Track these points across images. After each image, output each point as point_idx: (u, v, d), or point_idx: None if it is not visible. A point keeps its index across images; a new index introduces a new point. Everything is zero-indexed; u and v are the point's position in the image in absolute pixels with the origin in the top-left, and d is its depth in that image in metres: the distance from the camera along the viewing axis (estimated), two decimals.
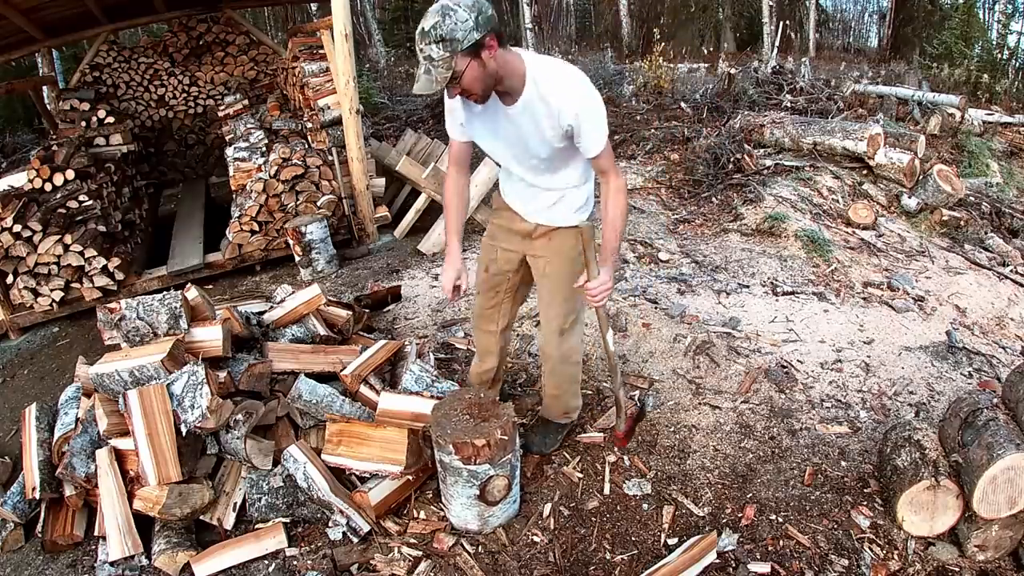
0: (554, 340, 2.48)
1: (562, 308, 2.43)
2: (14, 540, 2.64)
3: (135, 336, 2.82)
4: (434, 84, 1.83)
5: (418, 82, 1.85)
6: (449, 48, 1.78)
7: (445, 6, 1.78)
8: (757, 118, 6.77)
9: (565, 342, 2.49)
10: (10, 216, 4.21)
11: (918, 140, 6.06)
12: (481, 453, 2.24)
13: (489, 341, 2.73)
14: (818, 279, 4.47)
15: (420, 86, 1.85)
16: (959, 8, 14.75)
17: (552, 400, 2.74)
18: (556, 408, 2.77)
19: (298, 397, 2.84)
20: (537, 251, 2.42)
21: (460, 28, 1.76)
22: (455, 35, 1.77)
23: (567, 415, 2.81)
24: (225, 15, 7.29)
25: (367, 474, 2.57)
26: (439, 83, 1.83)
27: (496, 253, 2.54)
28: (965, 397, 2.49)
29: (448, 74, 1.82)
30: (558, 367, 2.56)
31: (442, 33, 1.76)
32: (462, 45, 1.78)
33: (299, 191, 4.98)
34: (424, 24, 1.79)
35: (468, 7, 1.78)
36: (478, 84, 1.89)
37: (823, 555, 2.31)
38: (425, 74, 1.83)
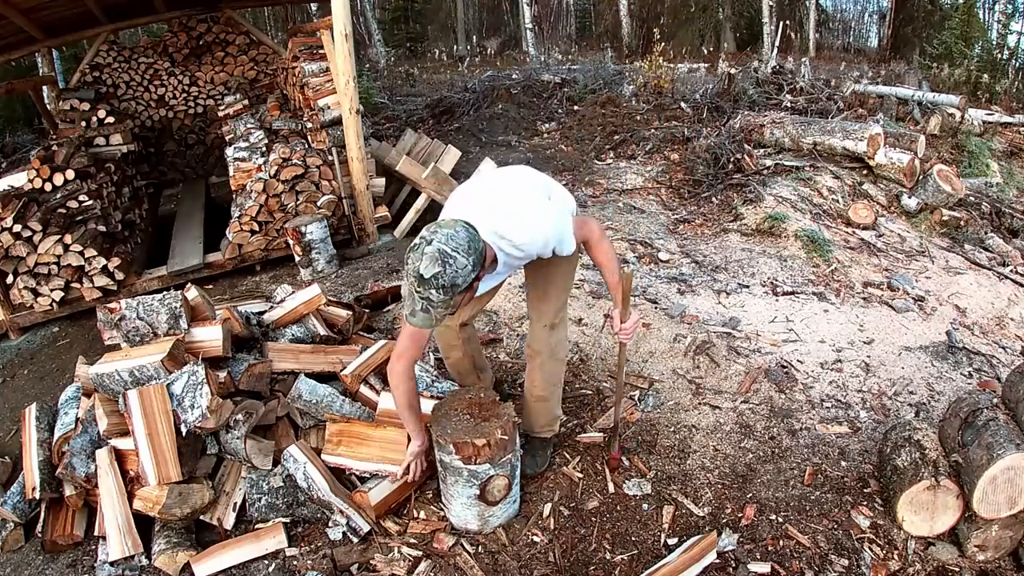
0: (544, 335, 2.48)
1: (555, 304, 2.47)
2: (14, 540, 2.64)
3: (135, 336, 2.82)
4: (435, 322, 1.90)
5: (414, 316, 1.88)
6: (449, 293, 1.81)
7: (443, 252, 1.77)
8: (757, 118, 6.76)
9: (554, 336, 2.50)
10: (10, 216, 4.20)
11: (918, 140, 6.06)
12: (481, 453, 2.25)
13: (448, 335, 2.71)
14: (818, 279, 4.47)
15: (418, 322, 1.89)
16: (959, 8, 14.75)
17: (539, 405, 2.64)
18: (542, 416, 2.67)
19: (298, 397, 2.84)
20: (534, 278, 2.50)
21: (461, 275, 1.80)
22: (456, 282, 1.80)
23: (550, 427, 2.72)
24: (225, 15, 7.29)
25: (367, 474, 2.57)
26: (439, 320, 1.91)
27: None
28: (965, 397, 2.49)
29: (448, 311, 1.90)
30: (547, 362, 2.54)
31: (444, 283, 1.78)
32: (461, 288, 1.83)
33: (299, 191, 4.98)
34: (423, 271, 1.77)
35: (465, 251, 1.80)
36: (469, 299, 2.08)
37: (823, 555, 2.31)
38: (423, 312, 1.86)
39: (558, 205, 2.22)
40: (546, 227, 2.08)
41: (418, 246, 1.81)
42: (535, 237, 2.06)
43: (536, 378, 2.58)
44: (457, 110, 9.67)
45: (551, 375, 2.58)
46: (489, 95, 9.95)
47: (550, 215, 2.11)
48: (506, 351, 3.62)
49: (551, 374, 2.58)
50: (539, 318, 2.49)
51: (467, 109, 9.62)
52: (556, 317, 2.48)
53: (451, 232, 1.81)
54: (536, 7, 18.41)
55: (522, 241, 2.05)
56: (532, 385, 2.61)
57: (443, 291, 1.79)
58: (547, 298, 2.46)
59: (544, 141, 8.52)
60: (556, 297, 2.46)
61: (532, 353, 2.55)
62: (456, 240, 1.80)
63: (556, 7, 21.81)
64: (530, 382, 2.62)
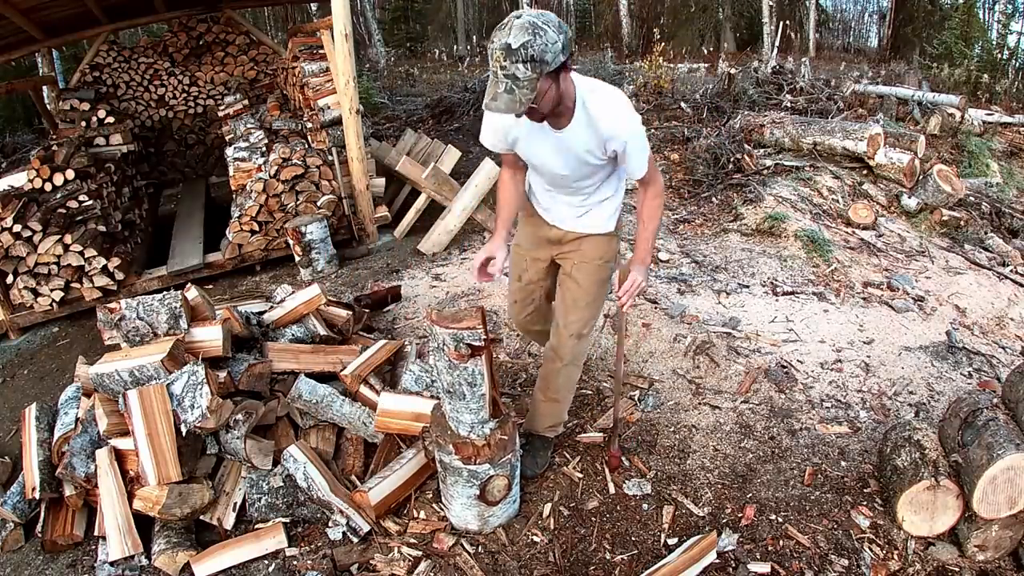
0: (570, 343, 2.43)
1: (584, 313, 2.40)
2: (14, 540, 2.64)
3: (135, 336, 2.82)
4: (518, 105, 1.75)
5: (496, 100, 1.75)
6: (538, 70, 1.71)
7: (533, 24, 1.69)
8: (757, 118, 6.76)
9: (579, 346, 2.47)
10: (10, 216, 4.21)
11: (918, 140, 6.06)
12: (481, 453, 2.24)
13: (541, 336, 2.79)
14: (818, 279, 4.47)
15: (501, 105, 1.75)
16: (959, 8, 14.75)
17: (550, 406, 2.62)
18: (550, 417, 2.66)
19: (298, 397, 2.84)
20: (567, 253, 2.42)
21: (550, 50, 1.71)
22: (545, 57, 1.70)
23: (554, 428, 2.73)
24: (225, 15, 7.29)
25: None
26: (523, 104, 1.75)
27: (527, 263, 2.53)
28: (965, 397, 2.49)
29: (533, 96, 1.75)
30: (566, 370, 2.51)
31: (533, 53, 1.68)
32: (549, 67, 1.73)
33: (299, 191, 4.98)
34: (511, 40, 1.68)
35: (555, 27, 1.73)
36: (549, 105, 1.85)
37: (823, 555, 2.31)
38: (507, 93, 1.73)
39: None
40: (629, 114, 1.97)
41: (505, 24, 1.72)
42: (620, 112, 1.95)
43: (552, 382, 2.55)
44: (457, 110, 9.67)
45: (568, 380, 2.56)
46: None
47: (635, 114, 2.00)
48: (506, 351, 3.62)
49: (568, 379, 2.56)
50: (567, 326, 2.42)
51: (467, 109, 9.61)
52: (585, 327, 2.43)
53: (541, 12, 1.74)
54: (536, 7, 18.40)
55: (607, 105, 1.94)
56: (547, 387, 2.58)
57: (530, 65, 1.68)
58: (578, 307, 2.39)
59: None
60: (588, 307, 2.40)
61: (554, 358, 2.49)
62: (547, 17, 1.73)
63: (556, 7, 21.81)
64: (544, 384, 2.58)
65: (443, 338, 2.07)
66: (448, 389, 2.19)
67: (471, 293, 4.27)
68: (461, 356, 2.06)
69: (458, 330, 2.06)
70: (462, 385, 2.14)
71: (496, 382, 2.24)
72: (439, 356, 2.13)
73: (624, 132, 1.97)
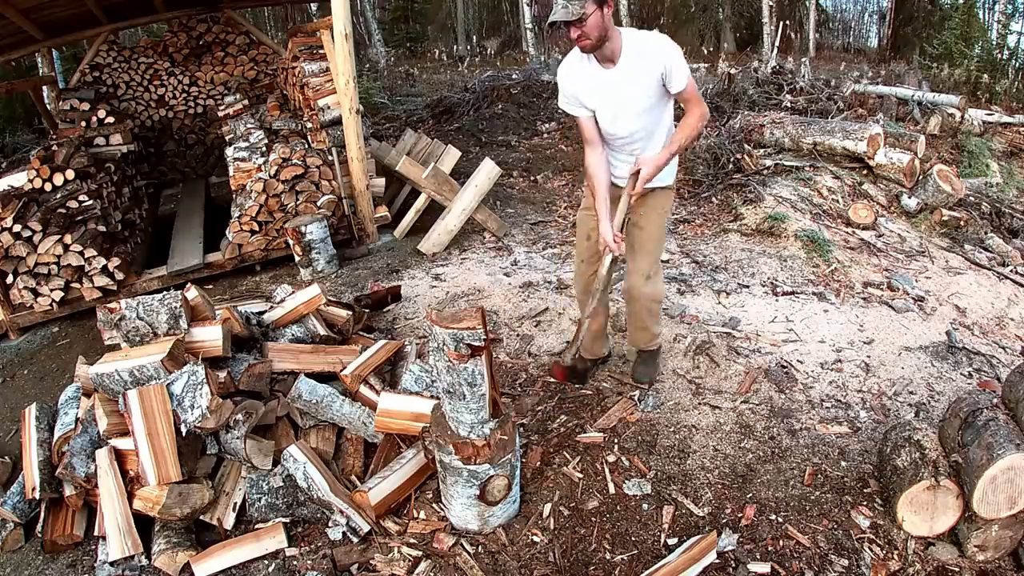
0: (641, 282, 2.83)
1: (651, 256, 2.82)
2: (14, 540, 2.64)
3: (135, 336, 2.82)
4: (570, 14, 2.30)
5: (555, 13, 2.32)
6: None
7: None
8: (757, 118, 6.76)
9: (649, 285, 2.85)
10: (10, 216, 4.21)
11: (918, 140, 6.06)
12: (481, 453, 2.24)
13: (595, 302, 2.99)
14: (818, 279, 4.47)
15: (558, 14, 2.32)
16: (959, 8, 14.73)
17: (641, 332, 3.06)
18: (646, 336, 3.08)
19: (298, 397, 2.84)
20: (634, 207, 2.73)
21: None
22: None
23: (654, 342, 3.14)
24: (225, 15, 7.29)
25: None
26: (574, 15, 2.30)
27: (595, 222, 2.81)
28: (965, 397, 2.49)
29: (581, 11, 2.30)
30: (644, 305, 2.90)
31: None
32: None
33: (299, 191, 4.98)
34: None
35: None
36: (595, 31, 2.36)
37: (823, 555, 2.31)
38: (563, 8, 2.30)
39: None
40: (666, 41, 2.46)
41: None
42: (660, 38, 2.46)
43: (637, 317, 2.98)
44: (457, 110, 9.67)
45: (650, 312, 2.96)
46: (489, 95, 9.95)
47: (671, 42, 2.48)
48: (506, 351, 3.62)
49: (650, 311, 2.95)
50: (636, 269, 2.84)
51: (467, 109, 9.62)
52: (652, 268, 2.84)
53: None
54: (536, 7, 18.39)
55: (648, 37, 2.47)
56: (634, 321, 3.02)
57: None
58: (645, 251, 2.80)
59: (544, 141, 8.52)
60: (653, 251, 2.82)
61: (630, 299, 2.92)
62: None
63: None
64: (632, 320, 3.03)
65: (443, 338, 2.08)
66: (448, 389, 2.19)
67: (471, 293, 4.27)
68: (461, 357, 2.07)
69: (458, 330, 2.06)
70: (462, 385, 2.14)
71: (496, 382, 2.26)
72: (439, 356, 2.14)
73: (664, 52, 2.44)
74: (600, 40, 2.41)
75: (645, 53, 2.44)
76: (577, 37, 2.39)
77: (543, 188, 6.81)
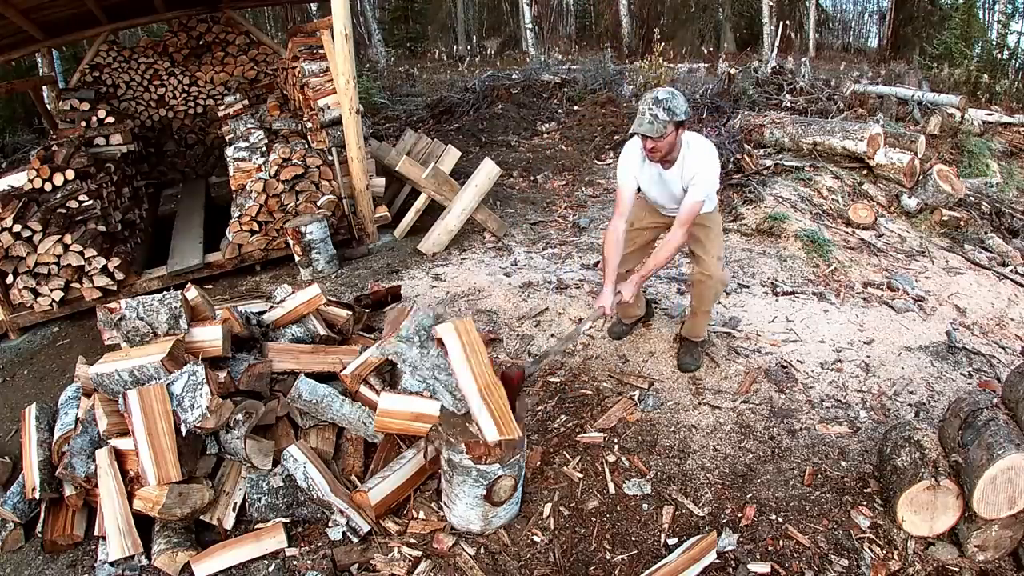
0: (716, 264, 3.11)
1: (717, 242, 3.16)
2: (14, 540, 2.64)
3: (135, 336, 2.82)
4: (654, 131, 2.66)
5: (641, 125, 2.68)
6: (669, 116, 2.66)
7: (673, 92, 2.71)
8: (757, 118, 6.76)
9: (721, 267, 3.14)
10: (10, 216, 4.20)
11: (918, 140, 6.06)
12: (492, 453, 2.24)
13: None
14: (818, 279, 4.47)
15: (643, 128, 2.67)
16: (959, 8, 14.73)
17: (703, 317, 3.29)
18: (699, 327, 3.33)
19: (298, 397, 2.84)
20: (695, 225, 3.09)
21: (680, 108, 2.69)
22: (676, 110, 2.67)
23: (703, 332, 3.38)
24: (225, 15, 7.28)
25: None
26: (657, 133, 2.66)
27: (644, 213, 3.23)
28: (965, 397, 2.49)
29: (663, 131, 2.66)
30: (716, 284, 3.14)
31: (670, 106, 2.66)
32: (677, 117, 2.67)
33: (299, 191, 4.98)
34: (659, 94, 2.69)
35: (684, 100, 2.73)
36: (667, 148, 2.75)
37: (823, 555, 2.31)
38: (648, 123, 2.66)
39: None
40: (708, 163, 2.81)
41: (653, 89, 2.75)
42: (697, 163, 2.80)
43: (705, 297, 3.19)
44: (457, 110, 9.67)
45: (716, 294, 3.23)
46: (489, 95, 9.95)
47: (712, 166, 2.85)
48: (506, 351, 3.62)
49: (716, 293, 3.22)
50: (709, 253, 3.13)
51: (467, 109, 9.62)
52: (721, 252, 3.21)
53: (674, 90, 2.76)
54: (536, 7, 18.40)
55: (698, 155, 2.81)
56: (700, 302, 3.24)
57: (666, 111, 2.64)
58: (711, 240, 3.13)
59: (544, 141, 8.53)
60: (718, 238, 3.17)
61: (704, 278, 3.14)
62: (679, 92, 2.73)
63: (556, 7, 21.82)
64: (698, 300, 3.24)
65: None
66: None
67: (471, 293, 4.27)
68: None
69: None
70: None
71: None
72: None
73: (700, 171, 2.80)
74: (668, 154, 2.79)
75: (692, 165, 2.81)
76: (651, 149, 2.75)
77: (543, 188, 6.81)
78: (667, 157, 2.82)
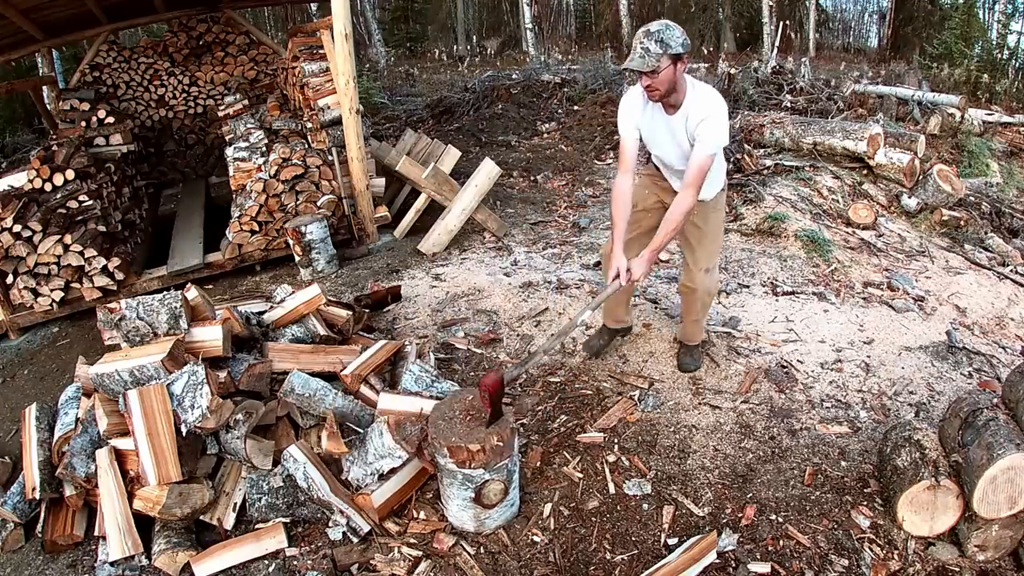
0: (700, 276, 2.99)
1: (708, 251, 2.98)
2: (14, 540, 2.64)
3: (135, 336, 2.82)
4: (644, 65, 2.42)
5: (632, 61, 2.45)
6: (662, 48, 2.40)
7: (667, 23, 2.46)
8: (757, 118, 6.76)
9: (708, 279, 3.02)
10: (10, 216, 4.20)
11: (918, 140, 6.06)
12: (476, 458, 2.24)
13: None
14: (818, 279, 4.47)
15: (633, 63, 2.44)
16: (959, 8, 14.74)
17: (692, 326, 3.23)
18: (695, 332, 3.27)
19: (291, 391, 2.82)
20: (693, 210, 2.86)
21: (674, 40, 2.42)
22: (669, 42, 2.41)
23: (700, 336, 3.33)
24: (225, 15, 7.28)
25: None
26: (648, 66, 2.42)
27: (646, 194, 3.04)
28: (965, 397, 2.49)
29: (655, 65, 2.41)
30: (703, 297, 3.06)
31: (662, 37, 2.40)
32: (671, 50, 2.41)
33: (299, 191, 4.98)
34: (651, 27, 2.44)
35: (681, 32, 2.46)
36: (665, 84, 2.49)
37: (823, 555, 2.31)
38: (639, 57, 2.42)
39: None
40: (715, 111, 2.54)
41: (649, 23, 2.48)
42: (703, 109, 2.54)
43: (692, 308, 3.13)
44: (457, 110, 9.67)
45: (704, 305, 3.13)
46: (489, 95, 9.96)
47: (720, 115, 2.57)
48: (506, 351, 3.62)
49: (704, 305, 3.13)
50: (696, 263, 2.99)
51: (467, 109, 9.62)
52: (710, 263, 3.01)
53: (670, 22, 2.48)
54: (536, 7, 18.40)
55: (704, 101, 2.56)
56: (687, 312, 3.18)
57: (657, 44, 2.39)
58: (703, 246, 2.96)
59: (544, 141, 8.53)
60: (711, 244, 2.98)
61: (687, 290, 3.07)
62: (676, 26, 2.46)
63: (556, 7, 21.83)
64: (685, 310, 3.19)
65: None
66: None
67: (471, 293, 4.27)
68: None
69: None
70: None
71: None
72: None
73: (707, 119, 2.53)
74: (668, 93, 2.54)
75: (698, 111, 2.56)
76: (647, 87, 2.51)
77: (543, 188, 6.81)
78: (669, 99, 2.56)
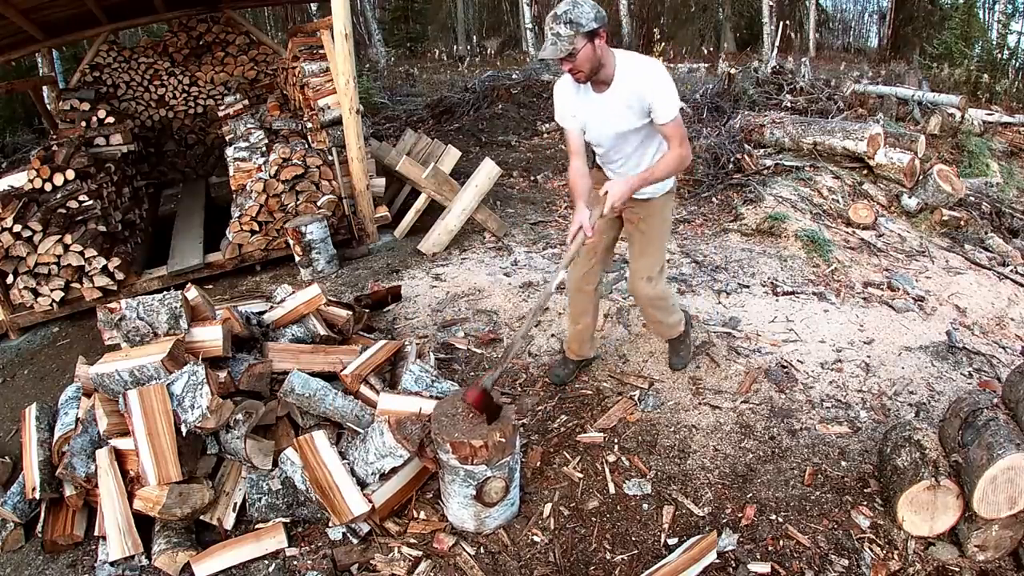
0: (641, 284, 2.87)
1: (651, 259, 2.85)
2: (14, 540, 2.64)
3: (135, 336, 2.82)
4: (559, 52, 2.32)
5: (545, 50, 2.35)
6: (573, 29, 2.28)
7: (576, 2, 2.31)
8: (757, 118, 6.76)
9: (652, 288, 2.88)
10: (10, 216, 4.20)
11: (918, 140, 6.06)
12: (478, 454, 2.24)
13: (585, 301, 3.05)
14: (818, 279, 4.47)
15: (547, 52, 2.35)
16: (959, 8, 14.73)
17: (656, 326, 3.14)
18: (665, 330, 3.17)
19: (291, 391, 2.82)
20: (635, 211, 2.79)
21: (584, 17, 2.29)
22: (580, 20, 2.28)
23: (677, 328, 3.18)
24: (225, 15, 7.29)
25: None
26: (562, 52, 2.32)
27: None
28: (965, 397, 2.49)
29: (570, 48, 2.30)
30: (647, 305, 2.97)
31: (571, 17, 2.28)
32: (583, 29, 2.29)
33: (299, 191, 4.98)
34: (557, 10, 2.31)
35: (591, 6, 2.33)
36: (587, 64, 2.38)
37: (823, 555, 2.31)
38: (551, 45, 2.32)
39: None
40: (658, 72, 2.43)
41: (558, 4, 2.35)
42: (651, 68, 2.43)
43: (648, 316, 3.07)
44: (457, 110, 9.67)
45: (659, 310, 3.00)
46: (489, 95, 9.95)
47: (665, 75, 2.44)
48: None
49: (659, 309, 2.99)
50: (637, 271, 2.87)
51: (467, 109, 9.62)
52: (653, 271, 2.85)
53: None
54: (536, 7, 18.40)
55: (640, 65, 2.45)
56: (646, 317, 3.13)
57: (567, 25, 2.27)
58: (645, 254, 2.84)
59: (544, 141, 8.53)
60: (653, 254, 2.84)
61: (636, 299, 3.00)
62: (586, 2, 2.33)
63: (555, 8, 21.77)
64: (644, 316, 3.16)
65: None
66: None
67: (471, 293, 4.27)
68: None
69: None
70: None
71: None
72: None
73: (654, 83, 2.42)
74: (594, 71, 2.43)
75: (634, 81, 2.44)
76: (570, 71, 2.43)
77: (543, 188, 6.81)
78: (595, 76, 2.44)
